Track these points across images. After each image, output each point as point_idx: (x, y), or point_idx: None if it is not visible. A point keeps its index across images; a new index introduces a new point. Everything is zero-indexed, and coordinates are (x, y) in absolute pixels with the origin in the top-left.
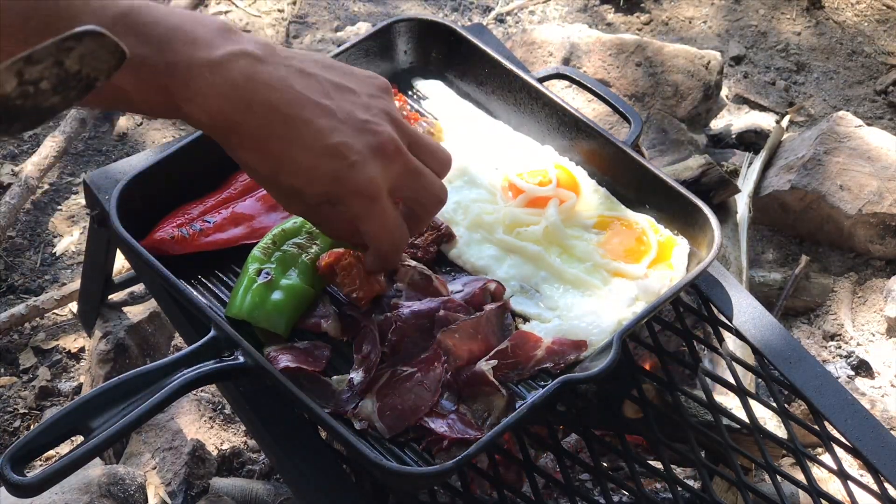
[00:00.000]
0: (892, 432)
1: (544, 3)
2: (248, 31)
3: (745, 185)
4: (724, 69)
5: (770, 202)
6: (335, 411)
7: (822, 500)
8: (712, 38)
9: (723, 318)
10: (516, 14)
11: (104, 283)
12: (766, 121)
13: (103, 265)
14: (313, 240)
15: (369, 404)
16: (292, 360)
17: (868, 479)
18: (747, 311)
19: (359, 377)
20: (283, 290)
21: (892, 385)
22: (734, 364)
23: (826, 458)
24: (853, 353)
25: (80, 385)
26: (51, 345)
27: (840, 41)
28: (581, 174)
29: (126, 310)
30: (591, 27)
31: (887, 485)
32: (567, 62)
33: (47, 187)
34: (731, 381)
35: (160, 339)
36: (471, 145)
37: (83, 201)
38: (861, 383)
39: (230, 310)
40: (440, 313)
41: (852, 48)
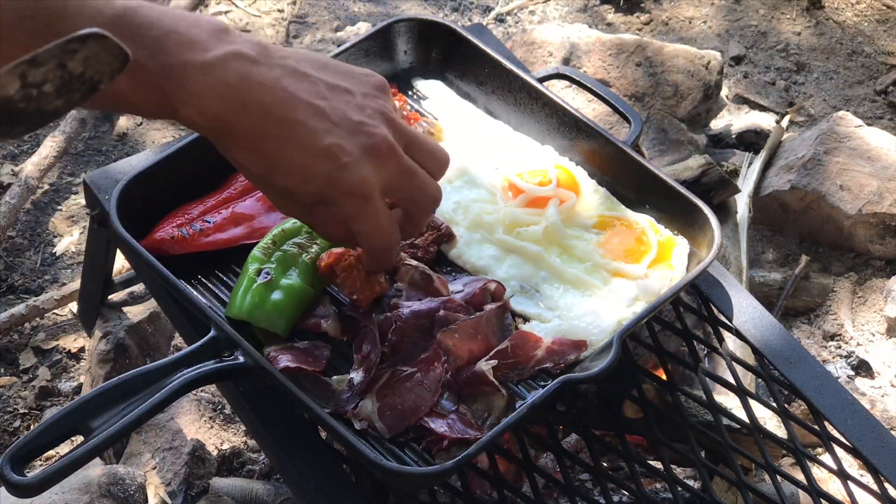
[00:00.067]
0: (892, 432)
1: (544, 3)
2: (248, 31)
3: (745, 185)
4: (724, 69)
5: (770, 202)
6: (335, 411)
7: (822, 500)
8: (712, 38)
9: (723, 318)
10: (516, 14)
11: (104, 283)
12: (766, 121)
13: (103, 265)
14: (313, 240)
15: (369, 404)
16: (292, 360)
17: (868, 479)
18: (747, 311)
19: (359, 377)
20: (283, 290)
21: (892, 385)
22: (734, 364)
23: (826, 458)
24: (853, 353)
25: (80, 385)
26: (51, 345)
27: (840, 41)
28: (581, 174)
29: (126, 310)
30: (591, 27)
31: (887, 485)
32: (567, 62)
33: (47, 187)
34: (731, 381)
35: (160, 339)
36: (471, 145)
37: (83, 201)
38: (861, 383)
39: (230, 310)
40: (440, 313)
41: (852, 48)
